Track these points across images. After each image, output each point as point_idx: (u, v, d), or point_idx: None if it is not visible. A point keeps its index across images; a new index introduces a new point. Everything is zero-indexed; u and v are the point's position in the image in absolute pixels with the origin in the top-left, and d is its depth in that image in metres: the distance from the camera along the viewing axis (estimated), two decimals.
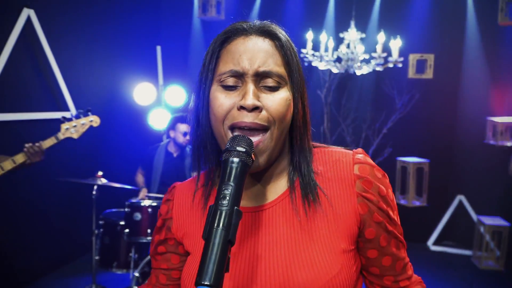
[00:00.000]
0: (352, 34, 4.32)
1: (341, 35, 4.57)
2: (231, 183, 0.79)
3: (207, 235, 0.73)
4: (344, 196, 0.95)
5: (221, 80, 0.92)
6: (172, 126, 4.24)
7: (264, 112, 0.90)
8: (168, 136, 4.37)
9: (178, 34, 5.83)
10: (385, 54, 4.22)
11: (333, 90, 5.58)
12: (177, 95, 5.46)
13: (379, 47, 4.22)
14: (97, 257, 3.80)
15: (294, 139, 0.97)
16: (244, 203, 0.98)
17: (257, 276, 0.90)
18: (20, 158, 2.97)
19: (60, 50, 4.34)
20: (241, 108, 0.89)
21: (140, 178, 4.40)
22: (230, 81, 0.91)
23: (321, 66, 4.65)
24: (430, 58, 5.01)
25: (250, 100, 0.88)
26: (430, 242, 5.54)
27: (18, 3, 3.91)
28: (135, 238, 3.60)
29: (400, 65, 4.36)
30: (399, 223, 1.00)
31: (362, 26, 5.08)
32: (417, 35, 5.23)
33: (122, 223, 3.77)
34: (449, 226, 5.56)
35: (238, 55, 0.91)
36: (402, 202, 4.98)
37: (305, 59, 4.65)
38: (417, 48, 5.20)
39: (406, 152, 5.36)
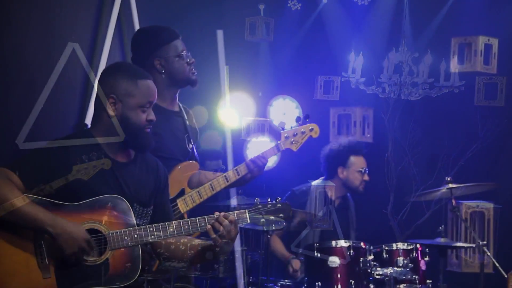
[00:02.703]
0: (394, 56, 3.69)
1: (390, 55, 3.95)
2: None
3: None
4: None
5: None
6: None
7: None
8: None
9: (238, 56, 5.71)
10: (432, 80, 3.51)
11: (399, 115, 4.86)
12: (232, 116, 5.25)
13: (426, 70, 3.53)
14: None
15: None
16: None
17: None
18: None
19: None
20: None
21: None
22: None
23: (368, 90, 4.11)
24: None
25: None
26: None
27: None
28: None
29: (456, 90, 3.60)
30: None
31: (420, 45, 4.34)
32: None
33: None
34: None
35: None
36: None
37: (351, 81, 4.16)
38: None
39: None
